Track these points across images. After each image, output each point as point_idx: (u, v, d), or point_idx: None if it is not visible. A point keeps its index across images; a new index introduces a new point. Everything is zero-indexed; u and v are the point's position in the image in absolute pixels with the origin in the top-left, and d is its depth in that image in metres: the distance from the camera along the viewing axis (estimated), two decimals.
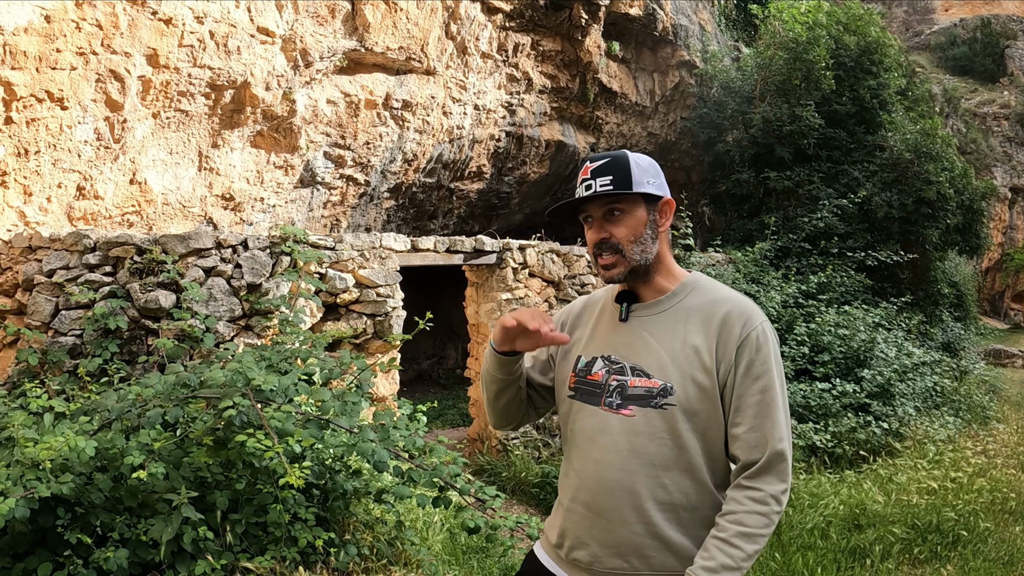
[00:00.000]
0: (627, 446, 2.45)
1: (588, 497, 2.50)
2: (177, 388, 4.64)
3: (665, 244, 2.60)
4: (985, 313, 32.93)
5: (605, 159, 2.51)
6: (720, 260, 13.61)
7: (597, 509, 2.48)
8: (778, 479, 2.39)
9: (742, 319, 2.44)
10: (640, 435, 2.44)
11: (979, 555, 6.50)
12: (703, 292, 2.55)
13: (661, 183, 2.57)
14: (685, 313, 2.50)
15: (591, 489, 2.50)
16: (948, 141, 16.69)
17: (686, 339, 2.46)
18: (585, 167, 2.53)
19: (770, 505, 2.36)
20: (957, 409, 11.93)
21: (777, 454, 2.38)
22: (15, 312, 6.96)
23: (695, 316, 2.49)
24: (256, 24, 8.36)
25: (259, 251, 6.91)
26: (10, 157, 7.18)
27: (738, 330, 2.42)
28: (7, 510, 3.58)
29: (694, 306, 2.51)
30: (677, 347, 2.46)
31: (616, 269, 2.52)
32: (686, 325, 2.48)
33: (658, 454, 2.42)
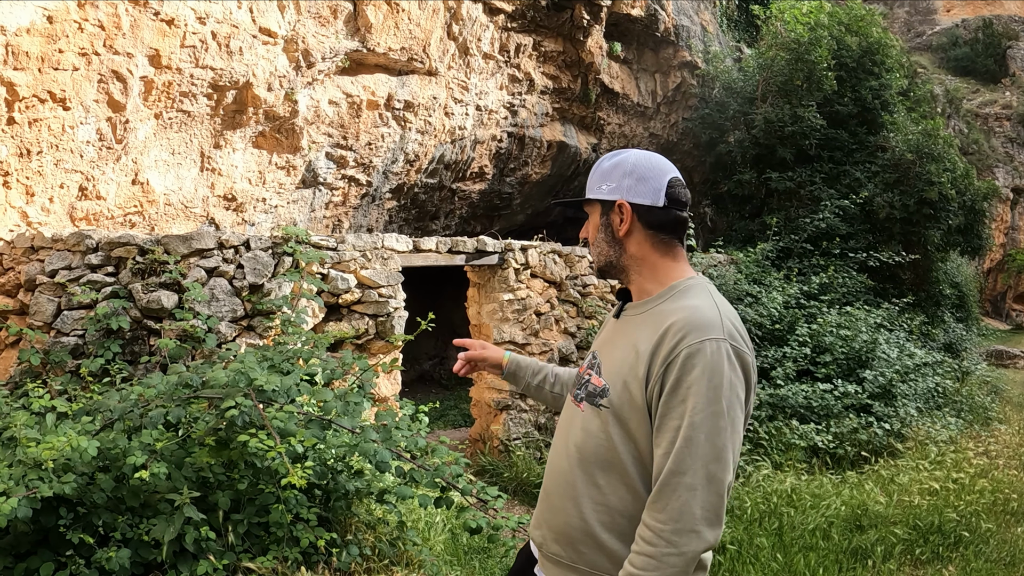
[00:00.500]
0: (573, 439, 2.50)
1: (546, 481, 2.60)
2: (179, 388, 4.65)
3: (643, 246, 2.52)
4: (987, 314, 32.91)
5: (603, 162, 2.59)
6: (722, 261, 13.60)
7: (547, 493, 2.57)
8: (669, 516, 2.17)
9: (680, 333, 2.26)
10: (582, 431, 2.47)
11: (981, 556, 6.50)
12: (679, 298, 2.42)
13: (620, 185, 2.51)
14: (655, 317, 2.41)
15: (547, 474, 2.61)
16: (950, 142, 16.68)
17: (636, 344, 2.39)
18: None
19: (657, 547, 2.17)
20: (959, 410, 11.92)
21: (672, 486, 2.19)
22: (17, 312, 6.96)
23: (654, 323, 2.39)
24: (258, 25, 8.37)
25: (261, 252, 6.91)
26: (12, 157, 7.18)
27: (672, 343, 2.26)
28: (9, 510, 3.59)
29: (663, 312, 2.40)
30: (628, 351, 2.42)
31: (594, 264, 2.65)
32: (643, 331, 2.41)
33: (594, 453, 2.43)
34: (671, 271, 2.52)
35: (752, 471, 8.26)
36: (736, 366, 2.25)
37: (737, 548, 6.42)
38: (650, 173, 2.51)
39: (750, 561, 6.26)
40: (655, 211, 2.49)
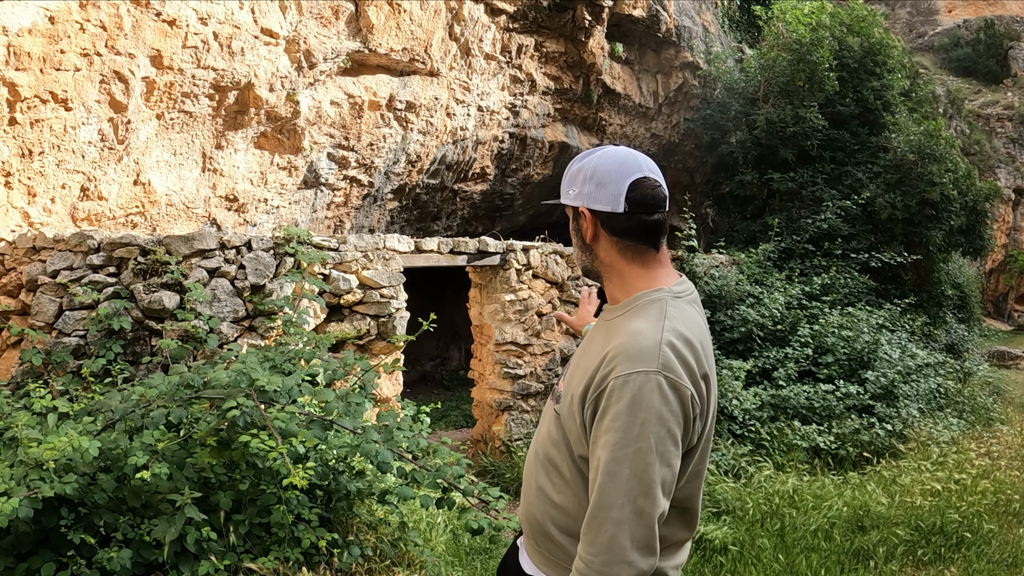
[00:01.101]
0: (541, 435, 2.55)
1: (526, 476, 2.61)
2: (181, 389, 4.65)
3: (610, 252, 2.43)
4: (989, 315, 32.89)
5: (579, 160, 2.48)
6: (724, 262, 13.60)
7: (523, 481, 2.61)
8: (601, 550, 2.12)
9: (614, 362, 2.20)
10: (546, 430, 2.51)
11: (983, 557, 6.50)
12: (634, 316, 2.33)
13: (582, 192, 2.40)
14: (610, 332, 2.35)
15: (526, 469, 2.61)
16: (951, 142, 16.67)
17: (590, 359, 2.33)
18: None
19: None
20: (961, 411, 11.91)
21: (600, 520, 2.14)
22: (19, 313, 6.96)
23: (606, 340, 2.32)
24: (260, 25, 8.37)
25: (263, 252, 6.91)
26: (14, 158, 7.19)
27: (605, 371, 2.21)
28: (11, 510, 3.59)
29: (616, 328, 2.34)
30: (583, 362, 2.38)
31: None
32: (597, 345, 2.36)
33: (547, 453, 2.46)
34: (637, 280, 2.41)
35: (754, 472, 8.25)
36: (670, 398, 2.14)
37: (739, 549, 6.42)
38: (609, 177, 2.36)
39: (752, 562, 6.26)
40: (616, 217, 2.37)
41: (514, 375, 9.55)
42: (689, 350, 2.21)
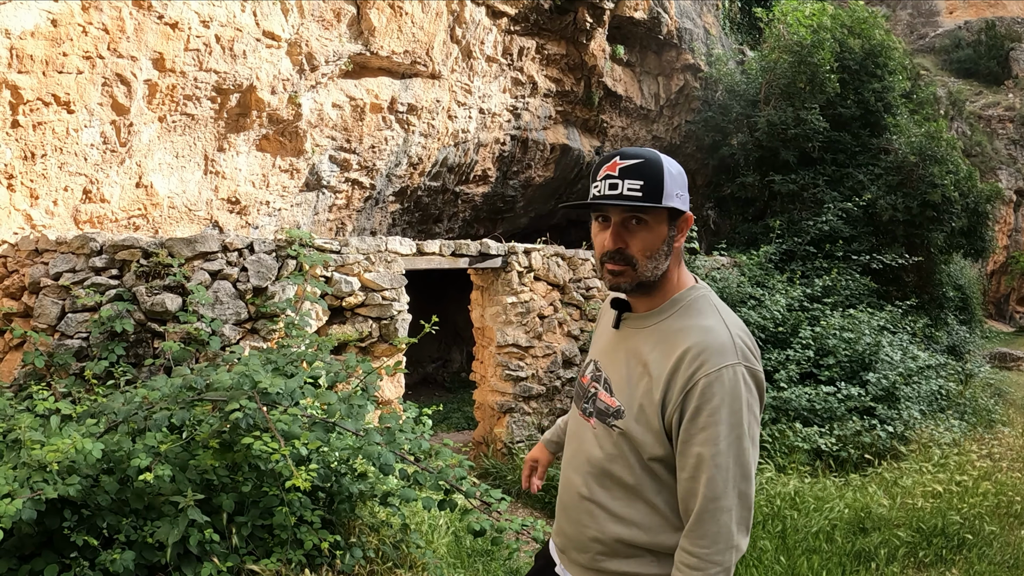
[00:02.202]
0: (586, 455, 2.48)
1: (561, 494, 2.61)
2: (183, 391, 4.65)
3: (678, 256, 2.45)
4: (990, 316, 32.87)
5: (637, 159, 2.31)
6: (725, 263, 13.60)
7: (563, 506, 2.58)
8: (711, 540, 2.24)
9: (698, 361, 2.26)
10: (597, 447, 2.44)
11: (984, 559, 6.50)
12: (686, 315, 2.39)
13: (686, 196, 2.40)
14: (661, 335, 2.38)
15: (562, 486, 2.61)
16: (953, 144, 16.67)
17: (647, 366, 2.36)
18: (613, 162, 2.33)
19: (704, 570, 2.23)
20: (962, 412, 11.91)
21: (711, 512, 2.24)
22: (21, 315, 6.97)
23: (664, 343, 2.36)
24: (262, 28, 8.38)
25: (265, 254, 6.92)
26: (16, 160, 7.20)
27: (689, 372, 2.26)
28: (14, 512, 3.60)
29: (672, 331, 2.37)
30: (637, 373, 2.38)
31: (623, 278, 2.37)
32: (653, 351, 2.37)
33: (609, 470, 2.41)
34: (677, 279, 2.46)
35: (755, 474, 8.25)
36: (751, 387, 2.28)
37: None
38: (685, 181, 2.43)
39: (753, 564, 6.26)
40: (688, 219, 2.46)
41: (516, 377, 9.56)
42: (749, 338, 2.37)
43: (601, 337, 2.63)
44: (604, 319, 2.68)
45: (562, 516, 2.58)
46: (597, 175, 2.36)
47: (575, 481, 2.51)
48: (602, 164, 2.36)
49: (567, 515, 2.54)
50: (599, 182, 2.34)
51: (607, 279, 2.42)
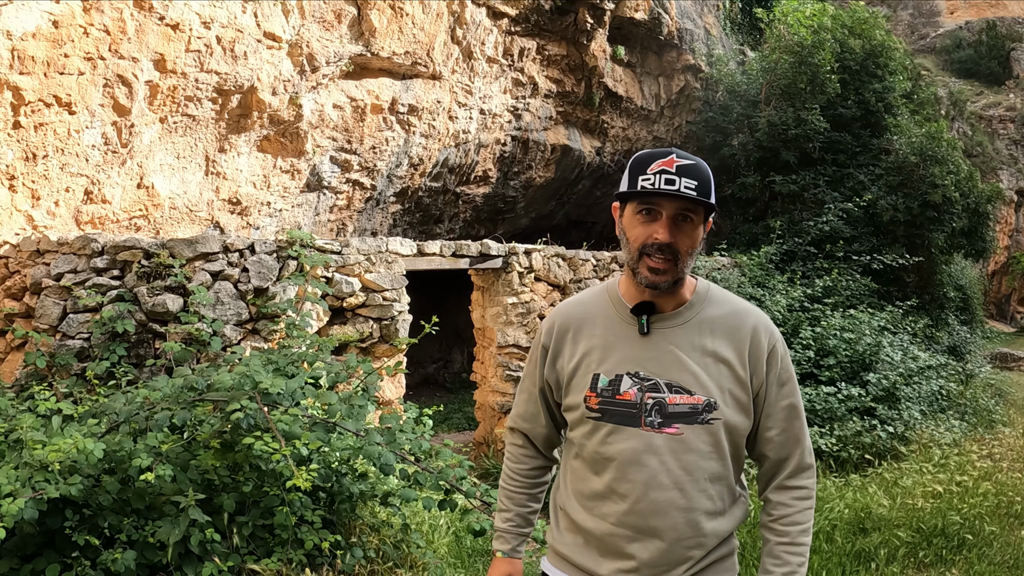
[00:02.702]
0: (677, 464, 2.38)
1: (638, 520, 2.39)
2: (185, 391, 4.67)
3: None
4: (991, 317, 32.84)
5: (692, 160, 2.35)
6: (726, 264, 13.61)
7: (650, 531, 2.39)
8: (812, 473, 2.54)
9: (767, 332, 2.47)
10: (690, 452, 2.38)
11: (984, 559, 6.50)
12: (719, 302, 2.49)
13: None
14: (708, 325, 2.44)
15: (643, 512, 2.39)
16: (954, 144, 16.67)
17: (716, 352, 2.41)
18: (670, 159, 2.33)
19: (812, 499, 2.53)
20: (963, 413, 11.90)
21: (808, 451, 2.53)
22: (23, 315, 6.99)
23: (720, 328, 2.44)
24: (263, 29, 8.40)
25: (266, 255, 6.93)
26: (18, 161, 7.22)
27: (766, 343, 2.45)
28: (16, 511, 3.61)
29: (715, 318, 2.45)
30: (710, 361, 2.40)
31: (665, 276, 2.36)
32: (712, 338, 2.42)
33: (707, 468, 2.40)
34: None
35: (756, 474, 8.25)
36: None
37: (741, 550, 6.42)
38: None
39: (754, 564, 6.26)
40: None
41: (516, 377, 9.56)
42: None
43: (619, 347, 2.48)
44: (605, 330, 2.52)
45: (640, 546, 2.40)
46: (647, 168, 2.34)
47: (671, 499, 2.38)
48: (652, 158, 2.35)
49: (655, 540, 2.39)
50: (651, 175, 2.32)
51: (645, 276, 2.37)
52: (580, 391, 2.48)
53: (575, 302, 2.64)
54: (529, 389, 2.71)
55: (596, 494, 2.48)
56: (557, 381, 2.59)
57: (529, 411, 2.73)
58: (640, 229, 2.37)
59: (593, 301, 2.60)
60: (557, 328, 2.60)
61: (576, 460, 2.56)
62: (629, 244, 2.42)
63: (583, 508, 2.52)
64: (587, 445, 2.48)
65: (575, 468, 2.57)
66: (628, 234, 2.42)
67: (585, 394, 2.47)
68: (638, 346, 2.45)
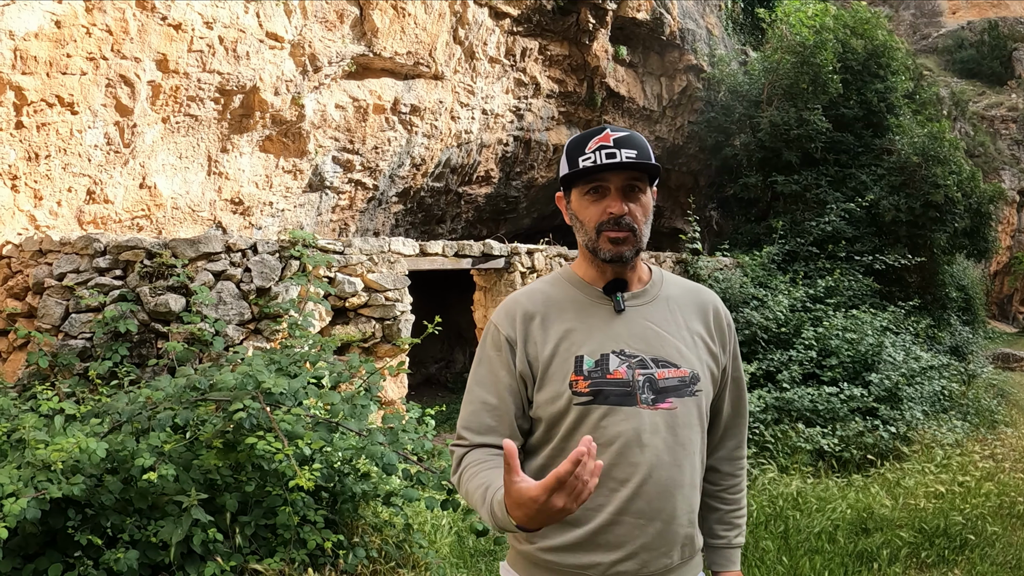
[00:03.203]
0: (674, 440, 2.30)
1: (643, 504, 2.27)
2: (187, 391, 4.67)
3: None
4: (993, 317, 32.85)
5: (626, 131, 2.33)
6: (728, 264, 13.61)
7: (652, 514, 2.28)
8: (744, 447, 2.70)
9: (723, 309, 2.56)
10: (683, 426, 2.32)
11: (987, 559, 6.50)
12: (674, 282, 2.54)
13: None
14: (675, 302, 2.45)
15: (648, 495, 2.27)
16: (956, 144, 16.67)
17: (690, 327, 2.42)
18: (605, 134, 2.30)
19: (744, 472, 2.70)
20: (965, 413, 11.89)
21: (744, 426, 2.68)
22: (25, 315, 6.99)
23: (685, 305, 2.46)
24: (265, 29, 8.40)
25: (268, 255, 6.94)
26: (21, 161, 7.22)
27: (725, 319, 2.53)
28: (19, 511, 3.61)
29: (677, 295, 2.47)
30: (686, 335, 2.40)
31: (626, 246, 2.31)
32: (683, 314, 2.44)
33: (696, 441, 2.36)
34: None
35: (758, 474, 8.25)
36: None
37: (743, 551, 6.42)
38: None
39: (756, 564, 6.26)
40: None
41: None
42: None
43: (596, 327, 2.38)
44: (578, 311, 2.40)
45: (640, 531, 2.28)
46: (585, 148, 2.31)
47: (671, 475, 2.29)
48: (588, 137, 2.33)
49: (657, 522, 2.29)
50: (590, 154, 2.29)
51: (607, 249, 2.32)
52: (562, 378, 2.31)
53: (529, 291, 2.49)
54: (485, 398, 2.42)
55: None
56: (531, 374, 2.37)
57: (486, 423, 2.39)
58: (592, 209, 2.34)
59: (550, 289, 2.48)
60: (520, 317, 2.41)
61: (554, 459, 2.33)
62: (584, 226, 2.38)
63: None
64: (574, 437, 2.28)
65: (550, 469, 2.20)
66: (580, 217, 2.39)
67: (571, 379, 2.30)
68: (617, 324, 2.37)
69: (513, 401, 2.38)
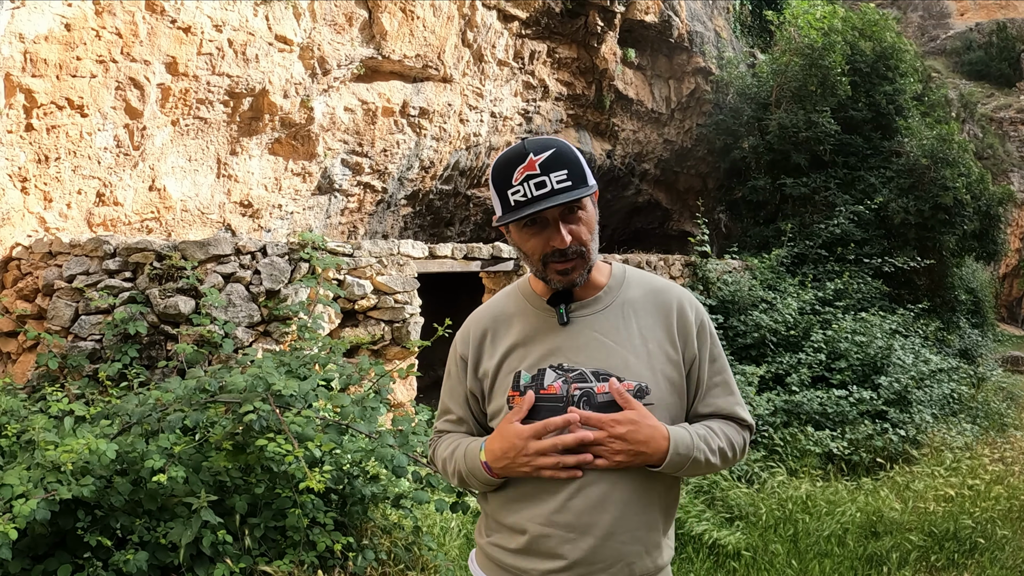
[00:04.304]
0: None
1: (571, 518, 2.23)
2: (197, 393, 4.67)
3: None
4: (1003, 319, 32.76)
5: (549, 149, 2.20)
6: (736, 267, 13.60)
7: (583, 528, 2.23)
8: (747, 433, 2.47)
9: (693, 307, 2.39)
10: None
11: (996, 563, 6.48)
12: (638, 283, 2.40)
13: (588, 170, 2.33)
14: (631, 307, 2.35)
15: (576, 509, 2.23)
16: (964, 146, 16.65)
17: (644, 334, 2.31)
18: (529, 161, 2.18)
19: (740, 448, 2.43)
20: (974, 416, 11.87)
21: (742, 421, 2.44)
22: (35, 316, 7.01)
23: (643, 309, 2.35)
24: (274, 32, 8.42)
25: (278, 257, 6.94)
26: (31, 163, 7.24)
27: (693, 318, 2.37)
28: (28, 512, 3.62)
29: (636, 298, 2.36)
30: (638, 343, 2.29)
31: (575, 273, 2.27)
32: (637, 319, 2.33)
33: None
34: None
35: (767, 477, 8.24)
36: None
37: (752, 554, 6.42)
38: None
39: (765, 568, 6.25)
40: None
41: None
42: None
43: (537, 340, 2.35)
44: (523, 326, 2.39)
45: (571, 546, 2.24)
46: (512, 179, 2.20)
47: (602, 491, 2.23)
48: (511, 165, 2.21)
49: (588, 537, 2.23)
50: (519, 185, 2.19)
51: (556, 280, 2.28)
52: (503, 393, 2.33)
53: (487, 306, 2.51)
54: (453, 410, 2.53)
55: (522, 495, 2.31)
56: (481, 390, 2.42)
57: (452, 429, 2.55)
58: (534, 241, 2.27)
59: (506, 301, 2.48)
60: (473, 335, 2.45)
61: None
62: (529, 258, 2.32)
63: (509, 511, 2.34)
64: None
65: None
66: (524, 249, 2.32)
67: (508, 395, 2.31)
68: (559, 337, 2.32)
69: (473, 413, 2.51)
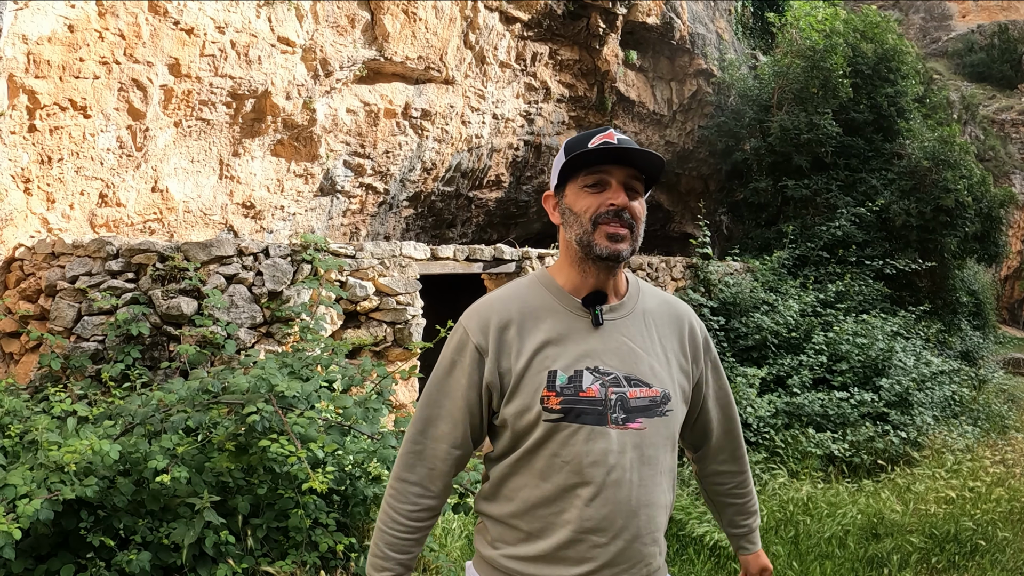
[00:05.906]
0: (640, 461, 2.25)
1: (606, 524, 2.22)
2: (200, 394, 4.68)
3: None
4: (1004, 322, 32.71)
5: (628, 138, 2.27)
6: (738, 269, 13.60)
7: (615, 532, 2.23)
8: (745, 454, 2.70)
9: (699, 323, 2.49)
10: (651, 447, 2.27)
11: (997, 565, 6.48)
12: (651, 294, 2.44)
13: None
14: (651, 316, 2.36)
15: (611, 514, 2.22)
16: (966, 148, 16.65)
17: (664, 344, 2.34)
18: (609, 132, 2.24)
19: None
20: (975, 418, 11.87)
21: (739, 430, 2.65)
22: (38, 317, 7.02)
23: (661, 320, 2.38)
24: (277, 34, 8.43)
25: (280, 259, 6.95)
26: (34, 164, 7.25)
27: (700, 332, 2.47)
28: (32, 512, 3.63)
29: (653, 308, 2.38)
30: (659, 352, 2.32)
31: (624, 244, 2.23)
32: (658, 329, 2.36)
33: (666, 461, 2.31)
34: None
35: (768, 479, 8.24)
36: None
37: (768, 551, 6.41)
38: None
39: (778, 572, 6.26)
40: None
41: None
42: None
43: (572, 341, 2.29)
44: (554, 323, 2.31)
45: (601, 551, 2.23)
46: (588, 142, 2.24)
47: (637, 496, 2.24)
48: (590, 135, 2.26)
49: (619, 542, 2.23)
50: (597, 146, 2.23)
51: (604, 245, 2.23)
52: (533, 391, 2.24)
53: (501, 298, 2.39)
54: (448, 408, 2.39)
55: (546, 499, 2.25)
56: (500, 386, 2.29)
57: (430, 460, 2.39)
58: (589, 200, 2.25)
59: (527, 294, 2.38)
60: (494, 325, 2.31)
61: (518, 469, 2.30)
62: (579, 217, 2.26)
63: (532, 517, 2.27)
64: (540, 452, 2.24)
65: (514, 478, 2.31)
66: (575, 208, 2.28)
67: (542, 394, 2.22)
68: (593, 339, 2.28)
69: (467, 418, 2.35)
